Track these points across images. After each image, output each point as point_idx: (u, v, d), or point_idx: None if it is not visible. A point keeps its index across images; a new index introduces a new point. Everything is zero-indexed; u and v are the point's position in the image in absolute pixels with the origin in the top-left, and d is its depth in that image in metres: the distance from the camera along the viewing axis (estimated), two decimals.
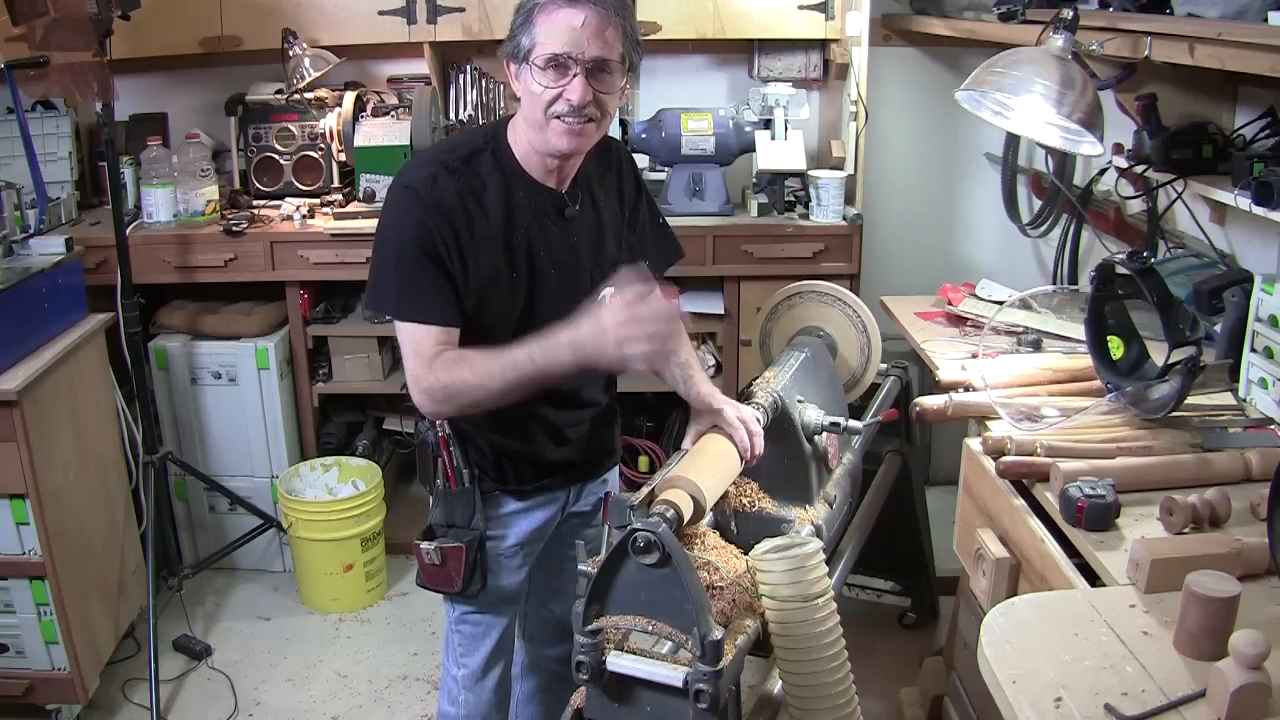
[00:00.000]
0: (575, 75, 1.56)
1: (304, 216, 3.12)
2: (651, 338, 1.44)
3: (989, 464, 1.70)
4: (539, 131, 1.62)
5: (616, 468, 2.02)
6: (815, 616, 1.45)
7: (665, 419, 3.48)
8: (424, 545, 1.78)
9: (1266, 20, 1.61)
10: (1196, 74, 1.92)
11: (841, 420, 1.81)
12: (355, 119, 3.19)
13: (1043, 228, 3.00)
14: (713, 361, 3.29)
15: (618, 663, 1.37)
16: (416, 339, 1.61)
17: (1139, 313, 2.32)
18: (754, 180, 3.25)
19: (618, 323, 1.44)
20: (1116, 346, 1.85)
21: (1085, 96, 1.83)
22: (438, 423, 1.76)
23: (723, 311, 3.21)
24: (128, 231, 2.81)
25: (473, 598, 1.83)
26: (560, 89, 1.57)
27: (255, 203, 3.27)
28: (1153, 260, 1.78)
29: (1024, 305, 2.41)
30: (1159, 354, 2.11)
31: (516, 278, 1.67)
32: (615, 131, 3.04)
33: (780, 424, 1.75)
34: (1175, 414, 1.74)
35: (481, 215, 1.63)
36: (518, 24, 1.60)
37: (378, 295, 1.65)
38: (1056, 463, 1.56)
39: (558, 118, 1.58)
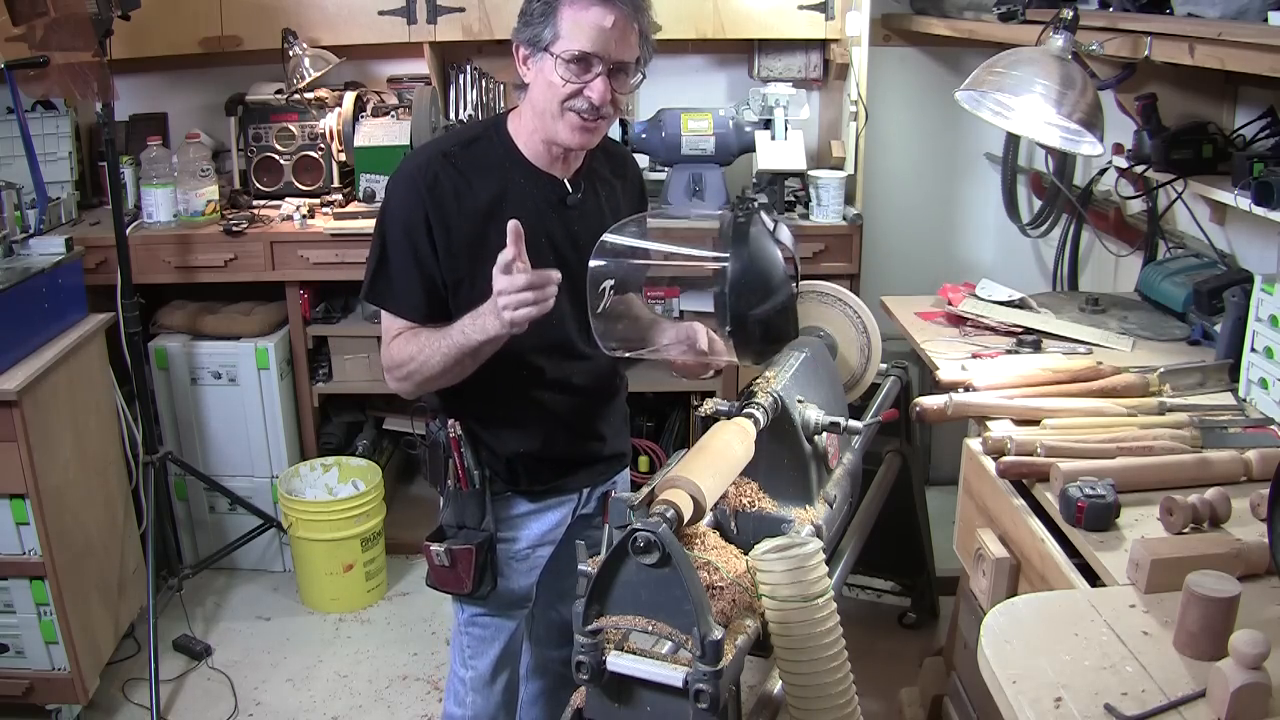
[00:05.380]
0: (598, 75, 1.58)
1: (304, 216, 3.12)
2: (522, 304, 1.49)
3: (989, 464, 1.69)
4: (549, 121, 1.63)
5: (626, 470, 2.01)
6: (815, 616, 1.45)
7: (665, 419, 3.48)
8: (434, 547, 1.77)
9: (1266, 20, 1.61)
10: (1196, 74, 1.92)
11: (841, 420, 1.80)
12: (355, 119, 3.19)
13: (1043, 228, 3.00)
14: None
15: (618, 663, 1.37)
16: (385, 322, 1.71)
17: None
18: (754, 180, 3.25)
19: (498, 291, 1.51)
20: None
21: (1085, 96, 1.83)
22: (450, 423, 1.77)
23: None
24: (128, 231, 2.81)
25: (483, 600, 1.83)
26: (581, 85, 1.58)
27: (255, 203, 3.27)
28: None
29: (1023, 305, 2.41)
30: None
31: None
32: (615, 132, 3.04)
33: (780, 424, 1.74)
34: (1175, 412, 1.74)
35: (472, 196, 1.66)
36: (537, 12, 1.60)
37: (365, 281, 1.72)
38: (1056, 463, 1.56)
39: (573, 112, 1.60)
